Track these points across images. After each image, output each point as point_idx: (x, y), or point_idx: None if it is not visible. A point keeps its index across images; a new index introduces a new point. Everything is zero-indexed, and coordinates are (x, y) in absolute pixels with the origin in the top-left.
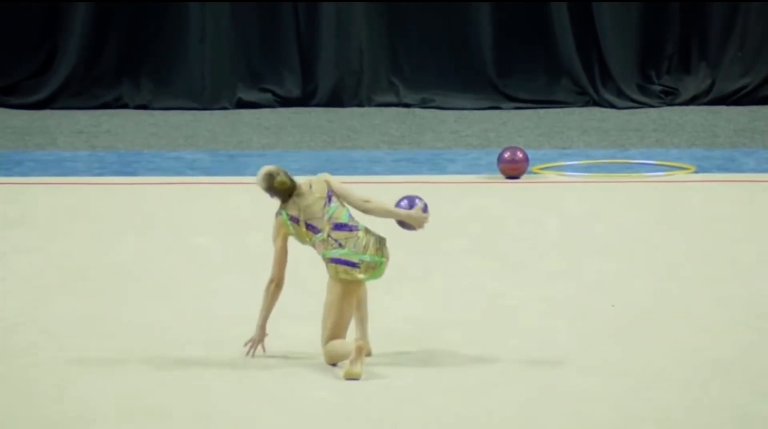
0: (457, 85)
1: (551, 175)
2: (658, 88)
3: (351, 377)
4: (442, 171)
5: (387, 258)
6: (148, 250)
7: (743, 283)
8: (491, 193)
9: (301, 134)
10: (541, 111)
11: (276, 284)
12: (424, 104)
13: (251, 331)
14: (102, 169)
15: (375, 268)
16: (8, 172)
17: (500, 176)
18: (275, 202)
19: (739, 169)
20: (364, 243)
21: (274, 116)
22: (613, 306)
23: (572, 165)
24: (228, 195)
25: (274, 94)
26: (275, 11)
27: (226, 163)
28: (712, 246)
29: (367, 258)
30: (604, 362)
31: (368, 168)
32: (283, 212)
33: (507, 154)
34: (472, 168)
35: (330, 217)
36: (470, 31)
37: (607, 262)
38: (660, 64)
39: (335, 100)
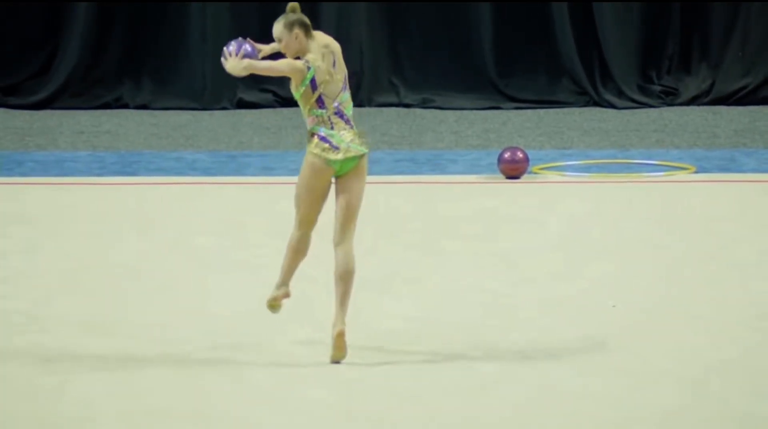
0: (458, 86)
1: (552, 175)
2: (659, 88)
3: (272, 307)
4: (443, 171)
5: (368, 150)
6: (149, 250)
7: (744, 283)
8: (492, 193)
9: (302, 135)
10: (542, 111)
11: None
12: (424, 104)
13: (252, 330)
14: (102, 169)
15: (354, 157)
16: (9, 172)
17: (501, 176)
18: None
19: (740, 170)
20: (351, 137)
21: (274, 116)
22: (613, 306)
23: (572, 165)
24: (229, 195)
25: (274, 94)
26: (276, 11)
27: (226, 164)
28: (712, 246)
29: (349, 145)
30: (603, 362)
31: (369, 168)
32: (312, 68)
33: (507, 155)
34: (472, 168)
35: (339, 103)
36: (471, 31)
37: (607, 262)
38: (660, 64)
39: None
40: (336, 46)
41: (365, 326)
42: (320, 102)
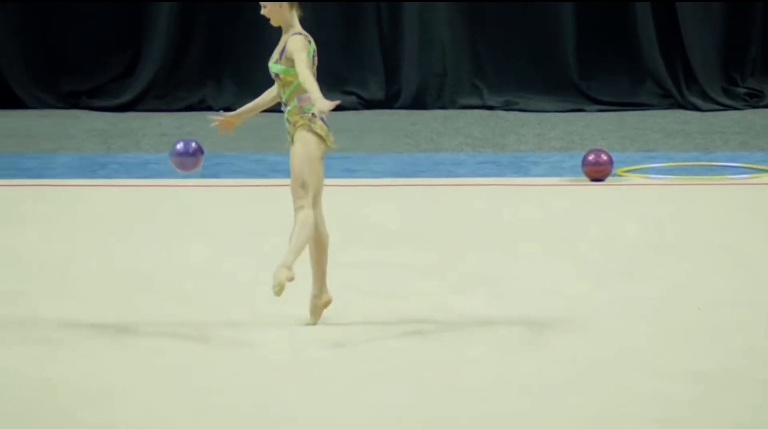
0: (540, 88)
1: (635, 178)
2: (743, 90)
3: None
4: (526, 173)
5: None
6: (228, 251)
7: None
8: (575, 195)
9: (384, 137)
10: (625, 113)
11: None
12: (507, 107)
13: (330, 333)
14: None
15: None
16: (93, 174)
17: (584, 179)
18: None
19: None
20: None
21: (357, 119)
22: (699, 309)
23: (656, 167)
24: None
25: (357, 96)
26: (358, 13)
27: None
28: None
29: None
30: (682, 365)
31: (452, 170)
32: (311, 43)
33: (591, 157)
34: (555, 170)
35: None
36: (553, 33)
37: (690, 264)
38: (744, 66)
39: (418, 102)
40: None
41: (446, 324)
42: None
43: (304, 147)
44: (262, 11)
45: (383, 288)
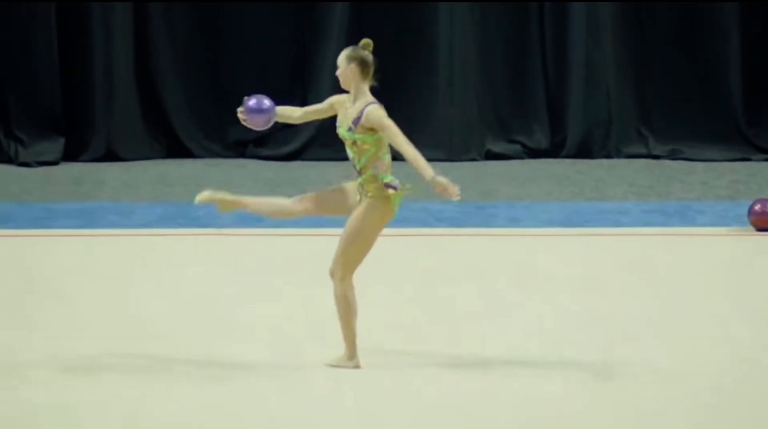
0: (706, 136)
1: None
2: None
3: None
4: (692, 223)
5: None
6: (397, 300)
7: None
8: (741, 245)
9: (549, 185)
10: None
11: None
12: (672, 155)
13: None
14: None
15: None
16: (259, 222)
17: (750, 228)
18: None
19: None
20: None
21: (522, 167)
22: None
23: None
24: (476, 246)
25: (522, 145)
26: (523, 61)
27: (473, 214)
28: None
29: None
30: None
31: (617, 220)
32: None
33: (758, 206)
34: (721, 220)
35: None
36: (719, 80)
37: None
38: None
39: (583, 151)
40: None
41: (620, 370)
42: (386, 144)
43: (365, 220)
44: (338, 72)
45: (551, 335)
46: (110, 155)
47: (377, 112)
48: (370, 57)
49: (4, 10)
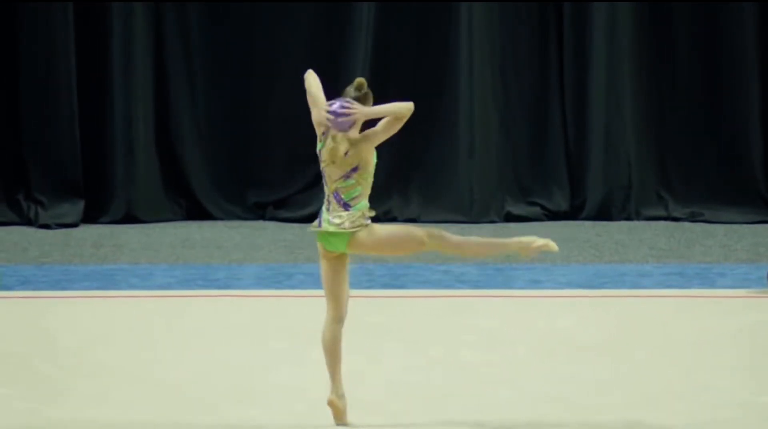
0: (727, 199)
1: None
2: None
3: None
4: (712, 285)
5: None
6: (418, 363)
7: None
8: (762, 308)
9: (569, 248)
10: None
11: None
12: (693, 218)
13: None
14: (371, 282)
15: (335, 233)
16: (279, 284)
17: None
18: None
19: None
20: (334, 217)
21: (542, 230)
22: None
23: None
24: (496, 309)
25: (542, 207)
26: (544, 124)
27: (493, 276)
28: None
29: (324, 221)
30: None
31: (636, 282)
32: (322, 142)
33: None
34: (742, 283)
35: (338, 188)
36: (739, 143)
37: None
38: None
39: (603, 213)
40: (367, 141)
41: None
42: (323, 177)
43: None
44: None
45: (569, 400)
46: (130, 218)
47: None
48: (365, 95)
49: (25, 71)
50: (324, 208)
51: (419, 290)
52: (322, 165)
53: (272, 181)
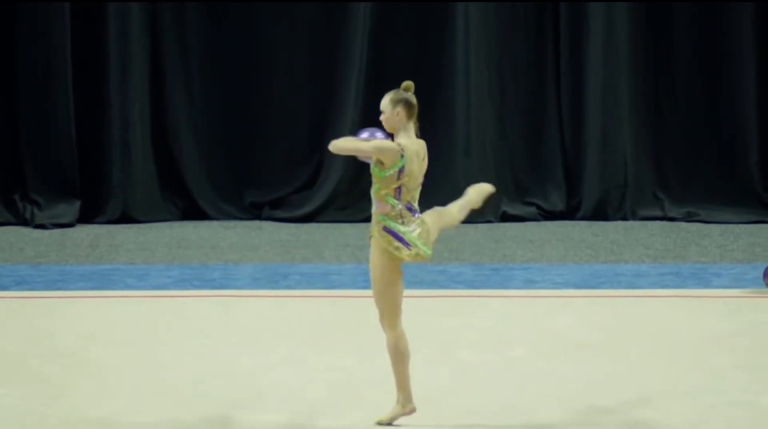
0: (723, 199)
1: None
2: None
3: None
4: (708, 285)
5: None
6: (414, 362)
7: None
8: (757, 307)
9: (565, 248)
10: None
11: None
12: (689, 218)
13: None
14: (367, 282)
15: (422, 259)
16: (275, 284)
17: (766, 290)
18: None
19: None
20: (420, 231)
21: (538, 230)
22: None
23: None
24: (492, 308)
25: (538, 207)
26: (540, 124)
27: (489, 277)
28: None
29: (421, 247)
30: None
31: (632, 282)
32: (405, 156)
33: None
34: (737, 282)
35: (411, 198)
36: (736, 143)
37: None
38: None
39: (599, 213)
40: (425, 151)
41: None
42: (398, 192)
43: (376, 265)
44: (382, 117)
45: (565, 400)
46: (126, 218)
47: (385, 143)
48: (413, 98)
49: (22, 72)
50: (397, 228)
51: (415, 290)
52: (400, 182)
53: (268, 181)
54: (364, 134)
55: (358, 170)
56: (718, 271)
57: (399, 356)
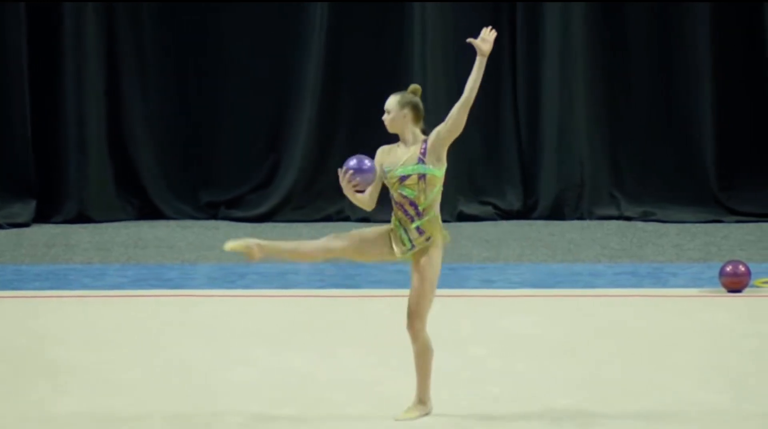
0: (679, 199)
1: None
2: None
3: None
4: (664, 284)
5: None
6: (372, 363)
7: None
8: (713, 306)
9: (521, 247)
10: (764, 225)
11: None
12: (645, 217)
13: None
14: (323, 282)
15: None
16: (231, 284)
17: (722, 290)
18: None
19: None
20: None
21: (495, 229)
22: None
23: None
24: (450, 307)
25: (495, 207)
26: (497, 125)
27: (447, 277)
28: None
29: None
30: None
31: (589, 281)
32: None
33: (729, 268)
34: (694, 281)
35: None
36: (692, 143)
37: None
38: None
39: (556, 213)
40: None
41: None
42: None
43: (435, 268)
44: (384, 117)
45: (524, 399)
46: (82, 217)
47: (434, 133)
48: (421, 103)
49: None
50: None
51: (372, 289)
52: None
53: (224, 180)
54: (352, 162)
55: (315, 170)
56: (675, 270)
57: (431, 354)
